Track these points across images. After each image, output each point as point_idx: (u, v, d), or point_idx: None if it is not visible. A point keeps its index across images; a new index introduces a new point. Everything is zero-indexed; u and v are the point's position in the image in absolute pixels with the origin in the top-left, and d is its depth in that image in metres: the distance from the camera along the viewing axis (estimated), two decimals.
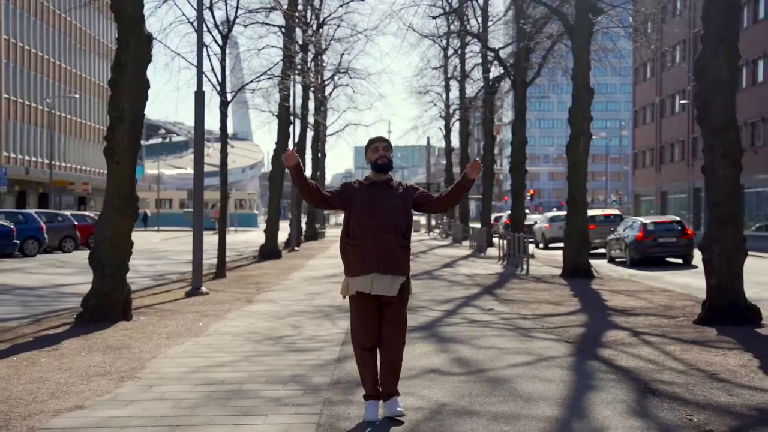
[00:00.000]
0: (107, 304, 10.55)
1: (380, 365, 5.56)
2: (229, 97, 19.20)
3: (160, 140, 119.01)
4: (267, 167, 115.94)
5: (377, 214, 5.41)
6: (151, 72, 22.53)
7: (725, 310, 10.26)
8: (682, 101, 51.37)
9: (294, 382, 6.71)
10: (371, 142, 5.62)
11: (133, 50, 10.71)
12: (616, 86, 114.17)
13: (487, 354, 8.03)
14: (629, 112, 78.28)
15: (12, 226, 24.78)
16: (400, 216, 5.47)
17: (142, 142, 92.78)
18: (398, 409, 5.49)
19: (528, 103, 27.97)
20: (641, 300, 13.43)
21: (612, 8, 20.42)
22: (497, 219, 45.30)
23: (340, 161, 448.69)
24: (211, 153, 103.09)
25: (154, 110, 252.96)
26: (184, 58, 18.92)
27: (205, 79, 16.09)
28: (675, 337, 9.20)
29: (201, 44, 14.95)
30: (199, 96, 15.02)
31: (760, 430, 5.26)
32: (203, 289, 14.75)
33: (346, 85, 41.13)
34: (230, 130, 38.99)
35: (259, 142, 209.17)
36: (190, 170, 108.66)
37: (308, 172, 41.51)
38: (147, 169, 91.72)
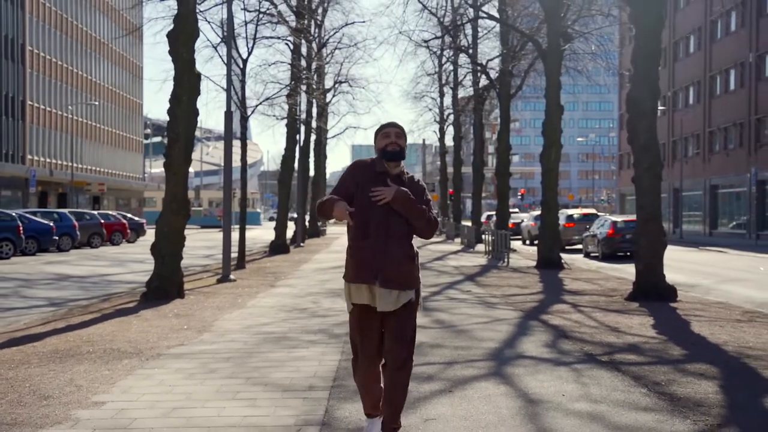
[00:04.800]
0: (166, 285, 13.48)
1: (383, 389, 4.82)
2: (248, 111, 22.15)
3: (159, 139, 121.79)
4: (266, 166, 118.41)
5: (382, 214, 4.67)
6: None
7: (649, 289, 13.22)
8: (661, 107, 54.32)
9: (321, 333, 9.65)
10: (382, 127, 4.88)
11: (187, 86, 13.64)
12: (609, 86, 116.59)
13: (458, 317, 10.99)
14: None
15: (52, 224, 27.76)
16: (404, 221, 4.75)
17: (147, 141, 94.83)
18: None
19: (523, 103, 31.11)
20: (594, 285, 16.36)
21: (582, 35, 23.35)
22: (489, 217, 47.98)
23: (339, 160, 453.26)
24: (212, 152, 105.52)
25: (161, 111, 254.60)
26: (212, 81, 21.80)
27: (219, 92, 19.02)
28: (603, 308, 12.16)
29: (230, 74, 17.87)
30: (228, 116, 17.93)
31: (623, 353, 8.20)
32: (231, 276, 17.69)
33: (347, 92, 44.03)
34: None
35: (258, 141, 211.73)
36: (191, 169, 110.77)
37: (310, 173, 44.42)
38: (153, 168, 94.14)
